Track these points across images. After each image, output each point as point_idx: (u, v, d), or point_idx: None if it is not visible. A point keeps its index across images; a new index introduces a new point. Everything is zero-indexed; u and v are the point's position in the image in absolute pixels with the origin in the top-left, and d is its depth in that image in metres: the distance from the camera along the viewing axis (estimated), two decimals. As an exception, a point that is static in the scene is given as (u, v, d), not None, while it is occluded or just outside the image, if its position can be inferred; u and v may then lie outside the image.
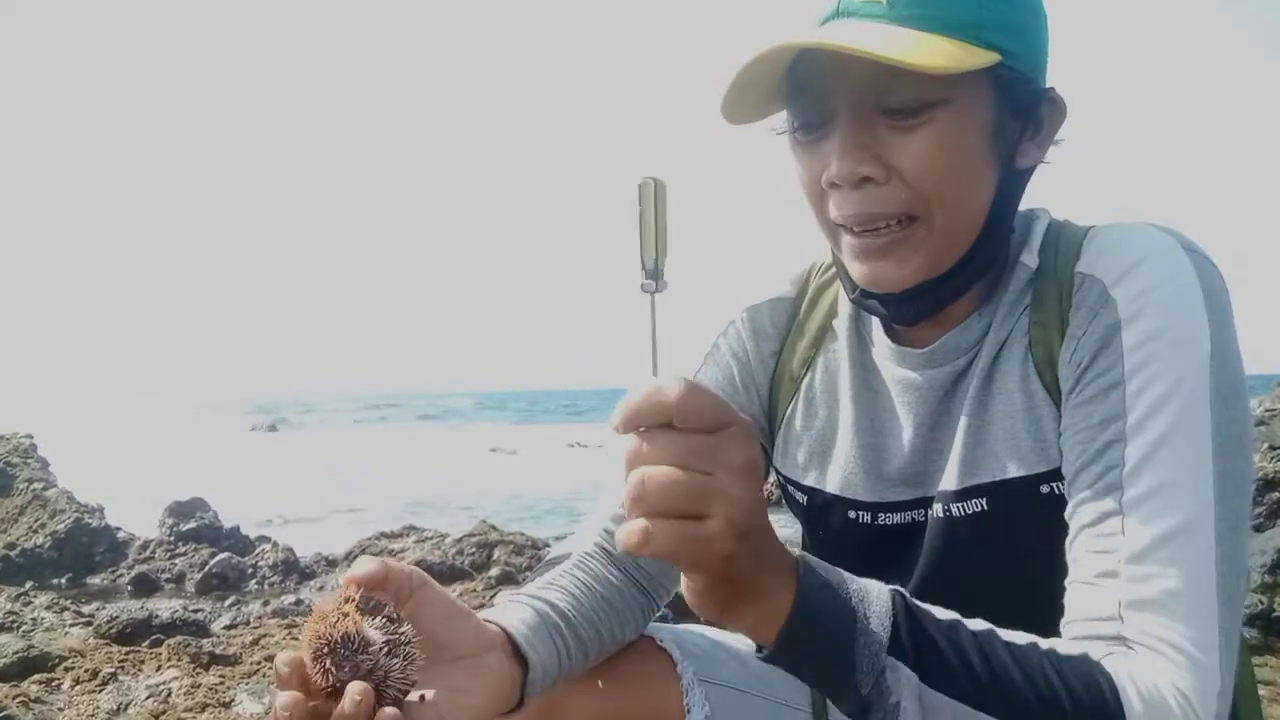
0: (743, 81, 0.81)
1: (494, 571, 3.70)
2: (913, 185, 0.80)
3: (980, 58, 0.78)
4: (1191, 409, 0.74)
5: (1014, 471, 0.86)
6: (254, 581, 4.25)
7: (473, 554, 4.10)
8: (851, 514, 0.97)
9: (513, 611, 0.82)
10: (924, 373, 0.92)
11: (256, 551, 4.53)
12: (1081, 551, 0.76)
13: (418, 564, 3.68)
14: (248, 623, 3.21)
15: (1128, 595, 0.71)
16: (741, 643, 1.09)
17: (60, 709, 2.11)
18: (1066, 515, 0.79)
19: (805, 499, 1.01)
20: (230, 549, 4.54)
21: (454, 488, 10.72)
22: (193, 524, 4.76)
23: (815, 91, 0.82)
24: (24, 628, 3.05)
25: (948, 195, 0.81)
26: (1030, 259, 0.89)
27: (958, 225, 0.84)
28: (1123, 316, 0.79)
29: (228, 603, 3.74)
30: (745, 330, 1.04)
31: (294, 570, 4.35)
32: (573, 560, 0.94)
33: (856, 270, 0.86)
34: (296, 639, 2.78)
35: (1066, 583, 0.76)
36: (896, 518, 0.95)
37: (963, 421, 0.89)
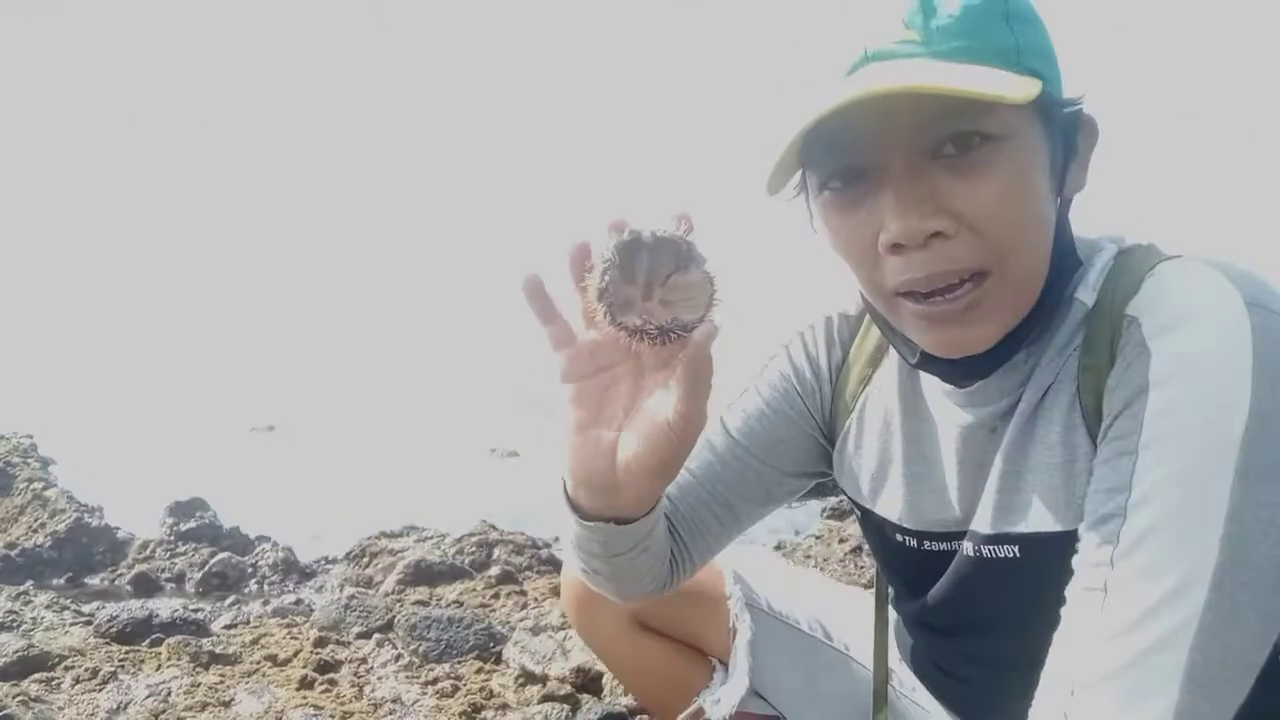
0: (786, 154, 0.72)
1: (494, 571, 3.70)
2: (985, 234, 0.72)
3: (1030, 86, 0.69)
4: (1204, 493, 0.66)
5: (1049, 526, 0.82)
6: (254, 581, 4.24)
7: (473, 553, 4.09)
8: (899, 538, 0.99)
9: None
10: (968, 410, 0.90)
11: (256, 551, 4.53)
12: (1066, 612, 0.73)
13: (417, 563, 3.69)
14: (248, 622, 3.21)
15: (1083, 677, 0.68)
16: (812, 581, 1.27)
17: (60, 708, 2.11)
18: (1072, 564, 0.76)
19: (860, 515, 1.05)
20: (230, 549, 4.53)
21: (454, 487, 10.71)
22: (193, 524, 4.75)
23: (851, 144, 0.72)
24: (24, 627, 3.05)
25: (1021, 241, 0.74)
26: (1087, 295, 0.81)
27: (1032, 271, 0.76)
28: (1152, 378, 0.70)
29: (228, 602, 3.74)
30: (820, 337, 1.05)
31: (294, 570, 4.34)
32: None
33: (926, 339, 0.79)
34: (296, 638, 2.78)
35: (1055, 635, 0.74)
36: (941, 545, 0.96)
37: (998, 465, 0.86)
